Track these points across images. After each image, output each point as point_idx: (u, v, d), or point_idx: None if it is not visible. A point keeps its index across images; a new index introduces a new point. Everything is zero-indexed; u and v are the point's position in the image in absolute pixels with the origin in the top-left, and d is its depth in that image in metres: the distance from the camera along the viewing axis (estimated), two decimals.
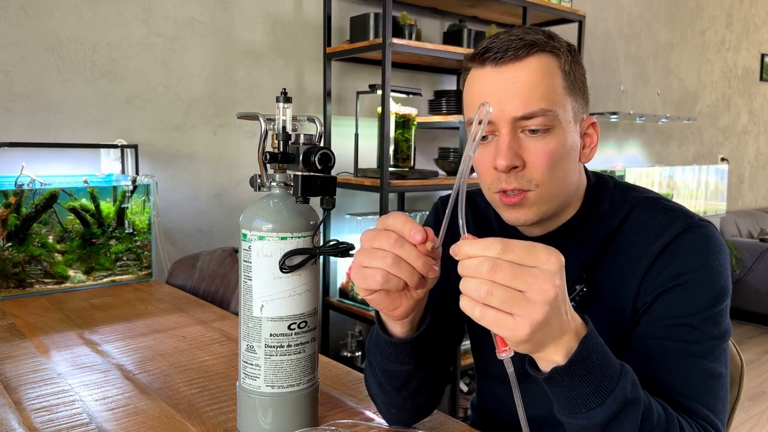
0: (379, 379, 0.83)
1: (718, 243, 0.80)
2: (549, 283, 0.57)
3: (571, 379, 0.63)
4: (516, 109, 0.77)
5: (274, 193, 0.85)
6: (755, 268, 4.26)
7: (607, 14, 3.82)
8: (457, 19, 2.89)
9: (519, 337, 0.58)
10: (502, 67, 0.78)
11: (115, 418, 0.92)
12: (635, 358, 0.79)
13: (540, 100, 0.77)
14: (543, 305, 0.57)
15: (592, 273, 0.85)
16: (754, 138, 5.40)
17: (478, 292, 0.58)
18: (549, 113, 0.77)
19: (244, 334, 0.83)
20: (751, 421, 2.84)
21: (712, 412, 0.75)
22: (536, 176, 0.79)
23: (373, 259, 0.66)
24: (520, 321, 0.57)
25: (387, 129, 2.20)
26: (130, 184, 1.83)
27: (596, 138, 0.86)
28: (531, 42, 0.77)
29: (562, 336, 0.62)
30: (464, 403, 2.56)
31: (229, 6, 2.28)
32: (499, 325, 0.58)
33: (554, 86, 0.78)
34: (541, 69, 0.77)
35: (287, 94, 0.85)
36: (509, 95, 0.77)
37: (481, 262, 0.58)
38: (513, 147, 0.78)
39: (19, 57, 1.86)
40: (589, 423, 0.65)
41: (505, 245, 0.58)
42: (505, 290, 0.57)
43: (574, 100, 0.81)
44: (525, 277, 0.57)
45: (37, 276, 1.67)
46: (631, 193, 0.89)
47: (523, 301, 0.57)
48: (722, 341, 0.78)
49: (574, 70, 0.81)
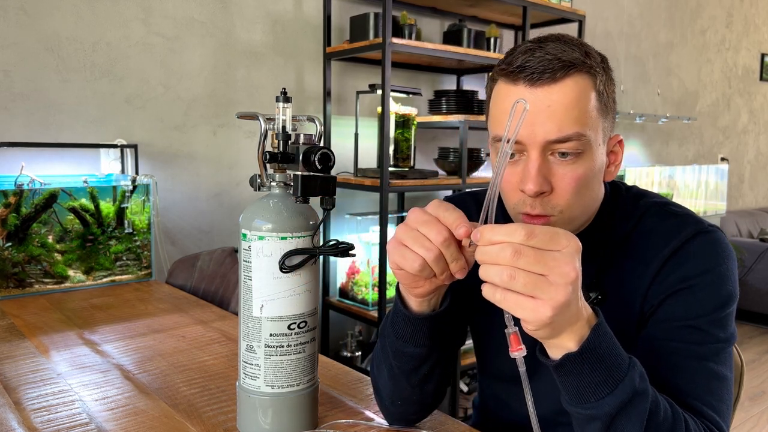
0: (391, 363, 0.83)
1: (727, 248, 0.81)
2: (570, 265, 0.59)
3: (582, 367, 0.64)
4: (549, 132, 0.74)
5: (274, 193, 0.84)
6: (755, 268, 4.26)
7: (607, 14, 3.82)
8: (457, 18, 2.89)
9: (541, 319, 0.59)
10: (537, 88, 0.74)
11: (115, 418, 0.92)
12: (641, 359, 0.79)
13: (574, 123, 0.74)
14: (565, 287, 0.58)
15: (603, 279, 0.85)
16: (754, 138, 5.40)
17: (500, 277, 0.58)
18: (583, 138, 0.75)
19: (244, 334, 0.83)
20: (751, 421, 2.84)
21: (717, 414, 0.75)
22: (562, 202, 0.77)
23: (418, 246, 0.66)
24: (542, 303, 0.58)
25: (387, 129, 2.20)
26: (130, 184, 1.83)
27: (621, 155, 0.84)
28: (569, 63, 0.74)
29: (577, 322, 0.63)
30: (464, 403, 2.56)
31: (229, 6, 2.27)
32: (521, 307, 0.59)
33: (588, 109, 0.75)
34: (576, 91, 0.74)
35: (287, 93, 0.85)
36: (543, 118, 0.74)
37: (503, 247, 0.59)
38: (542, 171, 0.75)
39: (19, 57, 1.86)
40: (597, 413, 0.65)
41: (529, 231, 0.59)
42: (527, 275, 0.58)
43: (605, 120, 0.79)
44: (547, 260, 0.58)
45: (36, 276, 1.67)
46: (643, 199, 0.89)
47: (546, 284, 0.58)
48: (728, 345, 0.79)
49: (607, 89, 0.78)
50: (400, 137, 2.42)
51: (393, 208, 2.81)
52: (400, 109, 2.41)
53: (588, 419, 0.66)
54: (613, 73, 0.82)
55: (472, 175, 2.63)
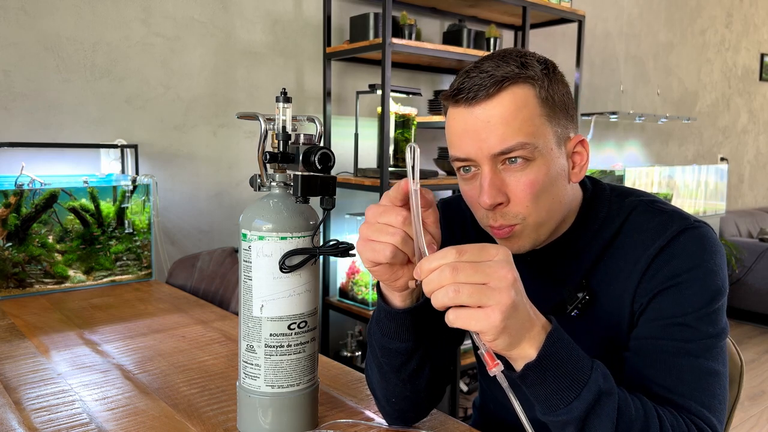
0: (380, 361, 0.84)
1: (714, 243, 0.81)
2: (505, 269, 0.62)
3: (544, 375, 0.66)
4: (493, 146, 0.76)
5: (274, 193, 0.85)
6: (755, 268, 4.26)
7: (606, 14, 3.82)
8: (457, 18, 2.89)
9: (494, 324, 0.61)
10: (475, 107, 0.77)
11: (115, 418, 0.92)
12: (631, 358, 0.80)
13: (516, 133, 0.76)
14: (507, 289, 0.62)
15: (591, 280, 0.85)
16: (754, 138, 5.40)
17: (448, 296, 0.61)
18: (527, 146, 0.76)
19: (244, 334, 0.83)
20: (751, 421, 2.84)
21: (707, 409, 0.75)
22: (521, 210, 0.79)
23: (382, 234, 0.70)
24: (491, 310, 0.61)
25: (387, 129, 2.20)
26: (130, 184, 1.83)
27: (586, 155, 0.85)
28: (501, 77, 0.76)
29: (532, 329, 0.65)
30: (464, 403, 2.56)
31: (229, 6, 2.28)
32: (474, 318, 0.62)
33: (531, 117, 0.76)
34: (514, 103, 0.76)
35: (287, 93, 0.85)
36: (485, 134, 0.76)
37: (442, 269, 0.62)
38: (495, 184, 0.78)
39: (19, 57, 1.86)
40: (568, 418, 0.67)
41: (459, 249, 0.63)
42: (470, 286, 0.61)
43: (556, 125, 0.79)
44: (484, 269, 0.62)
45: (36, 276, 1.67)
46: (629, 197, 0.89)
47: (489, 290, 0.61)
48: (719, 340, 0.78)
49: (552, 94, 0.79)
50: (400, 137, 2.42)
51: None
52: (400, 109, 2.41)
53: (562, 425, 0.68)
54: (562, 76, 0.82)
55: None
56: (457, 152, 0.80)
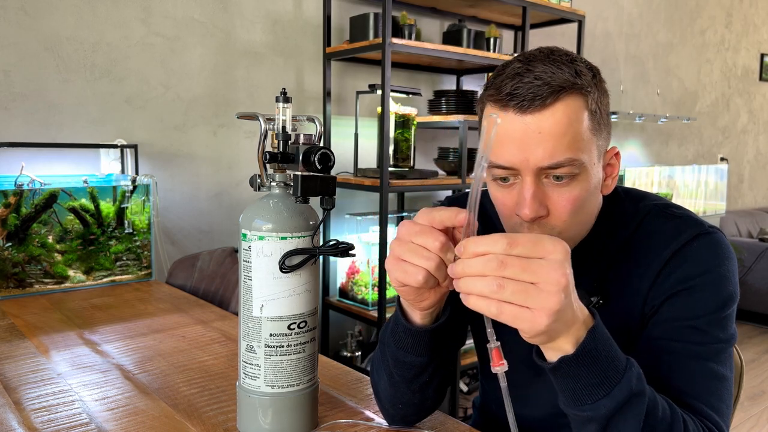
0: (391, 371, 0.83)
1: (727, 250, 0.81)
2: (559, 271, 0.58)
3: (578, 369, 0.64)
4: (541, 159, 0.73)
5: (274, 193, 0.85)
6: (755, 268, 4.26)
7: (606, 14, 3.82)
8: (457, 18, 2.89)
9: (538, 328, 0.59)
10: (527, 115, 0.73)
11: (115, 418, 0.92)
12: (641, 359, 0.79)
13: (566, 149, 0.73)
14: (557, 294, 0.58)
15: (604, 283, 0.85)
16: (754, 138, 5.40)
17: (488, 287, 0.58)
18: (575, 162, 0.73)
19: (244, 334, 0.83)
20: (751, 421, 2.84)
21: (717, 413, 0.75)
22: (559, 224, 0.77)
23: (417, 257, 0.66)
24: (537, 313, 0.58)
25: (387, 129, 2.20)
26: (130, 184, 1.83)
27: (618, 166, 0.83)
28: (558, 87, 0.72)
29: (573, 325, 0.63)
30: (464, 403, 2.56)
31: (229, 6, 2.27)
32: (518, 318, 0.59)
33: (581, 131, 0.74)
34: (567, 116, 0.73)
35: (287, 93, 0.85)
36: (534, 144, 0.72)
37: (489, 259, 0.58)
38: (537, 196, 0.74)
39: (19, 57, 1.86)
40: (594, 414, 0.65)
41: (511, 240, 0.58)
42: (516, 284, 0.58)
43: (599, 138, 0.77)
44: (534, 269, 0.58)
45: (36, 276, 1.67)
46: (642, 202, 0.88)
47: (536, 291, 0.58)
48: (728, 345, 0.79)
49: (600, 105, 0.76)
50: (400, 137, 2.42)
51: (393, 208, 2.81)
52: (400, 109, 2.41)
53: (585, 421, 0.67)
54: (605, 84, 0.80)
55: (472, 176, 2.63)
56: (498, 159, 0.75)
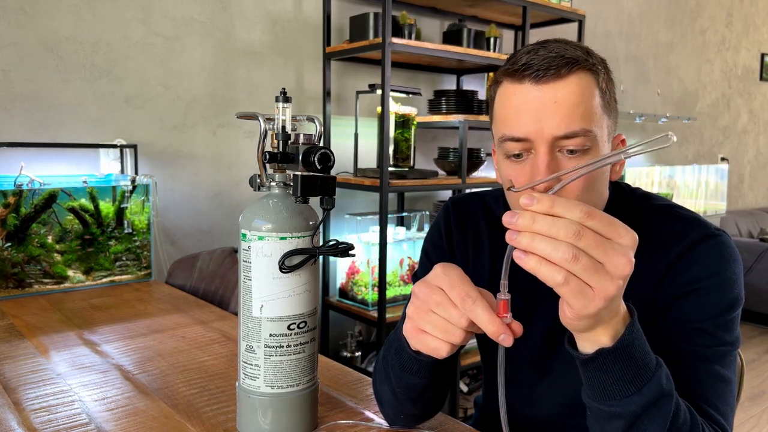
0: (394, 389, 0.83)
1: (733, 252, 0.81)
2: (626, 257, 0.56)
3: (614, 363, 0.63)
4: (557, 128, 0.73)
5: (274, 193, 0.84)
6: (755, 268, 4.26)
7: (607, 14, 3.82)
8: (457, 18, 2.89)
9: (589, 311, 0.57)
10: (543, 85, 0.74)
11: (115, 418, 0.92)
12: None
13: (581, 119, 0.74)
14: (618, 280, 0.56)
15: None
16: (754, 137, 5.40)
17: (563, 255, 0.54)
18: (589, 133, 0.74)
19: (244, 334, 0.83)
20: (751, 421, 2.84)
21: (723, 417, 0.75)
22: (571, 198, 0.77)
23: (440, 332, 0.65)
24: (596, 294, 0.56)
25: (387, 129, 2.20)
26: (130, 184, 1.83)
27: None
28: (572, 59, 0.74)
29: (615, 317, 0.61)
30: (464, 403, 2.56)
31: (229, 6, 2.27)
32: (580, 294, 0.56)
33: (593, 105, 0.75)
34: (581, 88, 0.74)
35: (287, 93, 0.85)
36: (549, 114, 0.74)
37: (567, 224, 0.54)
38: (551, 168, 0.74)
39: (18, 57, 1.86)
40: (621, 411, 0.64)
41: (589, 210, 0.55)
42: (588, 258, 0.55)
43: (609, 118, 0.79)
44: (606, 248, 0.55)
45: (36, 276, 1.67)
46: (648, 201, 0.88)
47: (602, 273, 0.55)
48: (733, 348, 0.79)
49: (608, 88, 0.79)
50: (400, 137, 2.42)
51: (393, 208, 2.81)
52: (400, 109, 2.41)
53: (610, 416, 0.65)
54: (613, 75, 0.82)
55: (472, 175, 2.63)
56: (513, 131, 0.75)
